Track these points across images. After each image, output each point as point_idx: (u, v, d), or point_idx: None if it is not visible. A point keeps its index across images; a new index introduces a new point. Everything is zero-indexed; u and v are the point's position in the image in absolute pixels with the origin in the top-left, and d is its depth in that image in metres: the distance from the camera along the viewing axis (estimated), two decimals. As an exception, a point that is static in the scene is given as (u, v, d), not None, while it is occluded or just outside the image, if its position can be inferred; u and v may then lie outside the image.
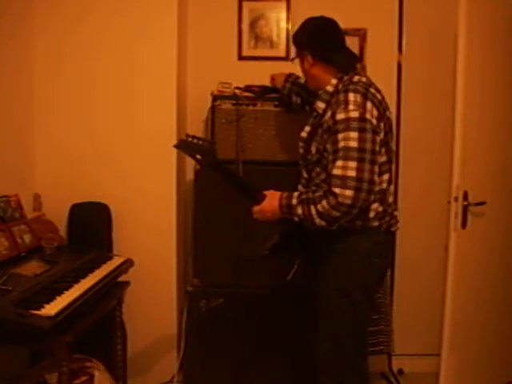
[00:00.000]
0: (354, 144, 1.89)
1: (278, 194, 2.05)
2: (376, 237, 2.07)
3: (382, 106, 2.02)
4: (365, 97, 1.96)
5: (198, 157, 1.98)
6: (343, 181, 1.86)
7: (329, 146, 1.97)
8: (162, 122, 2.83)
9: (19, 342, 1.87)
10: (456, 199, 2.50)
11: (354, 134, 1.89)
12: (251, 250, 2.59)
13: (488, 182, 2.73)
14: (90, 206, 2.79)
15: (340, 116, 1.93)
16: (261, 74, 2.79)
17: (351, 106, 1.93)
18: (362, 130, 1.90)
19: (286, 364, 2.66)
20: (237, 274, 2.66)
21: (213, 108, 2.72)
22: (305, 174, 2.20)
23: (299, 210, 1.97)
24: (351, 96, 1.95)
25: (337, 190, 1.86)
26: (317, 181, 2.11)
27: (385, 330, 2.93)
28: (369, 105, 1.95)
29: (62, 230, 2.78)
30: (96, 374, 2.35)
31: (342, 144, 1.90)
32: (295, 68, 2.99)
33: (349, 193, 1.86)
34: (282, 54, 3.07)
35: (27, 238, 2.43)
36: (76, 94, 2.82)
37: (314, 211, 1.92)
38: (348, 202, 1.86)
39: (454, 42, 2.56)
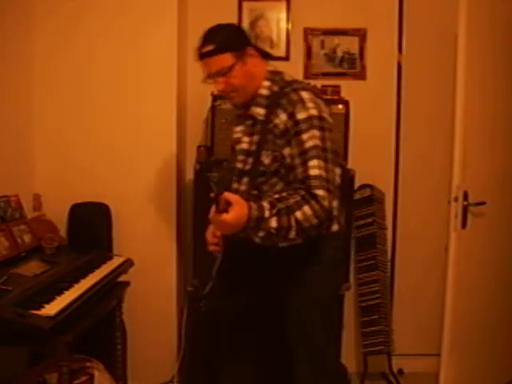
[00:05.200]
0: (318, 143, 1.79)
1: (246, 203, 1.68)
2: (337, 242, 1.98)
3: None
4: (315, 95, 1.89)
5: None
6: (321, 181, 1.74)
7: (288, 150, 1.82)
8: (162, 122, 2.84)
9: (19, 342, 1.86)
10: (456, 199, 2.50)
11: (317, 133, 1.79)
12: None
13: (488, 182, 2.73)
14: (89, 206, 2.79)
15: (301, 115, 1.81)
16: (261, 74, 2.77)
17: (309, 104, 1.82)
18: (321, 129, 1.81)
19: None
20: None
21: (213, 108, 2.72)
22: (253, 191, 1.92)
23: (273, 223, 1.68)
24: (304, 94, 1.84)
25: (320, 192, 1.72)
26: (270, 194, 1.85)
27: (385, 329, 2.93)
28: (320, 102, 1.87)
29: (62, 230, 2.78)
30: (96, 373, 2.35)
31: (310, 143, 1.78)
32: (295, 68, 3.03)
33: (325, 193, 1.72)
34: (282, 54, 3.06)
35: (27, 238, 2.43)
36: (76, 94, 2.82)
37: (293, 222, 1.69)
38: (326, 204, 1.71)
39: (454, 41, 2.56)
